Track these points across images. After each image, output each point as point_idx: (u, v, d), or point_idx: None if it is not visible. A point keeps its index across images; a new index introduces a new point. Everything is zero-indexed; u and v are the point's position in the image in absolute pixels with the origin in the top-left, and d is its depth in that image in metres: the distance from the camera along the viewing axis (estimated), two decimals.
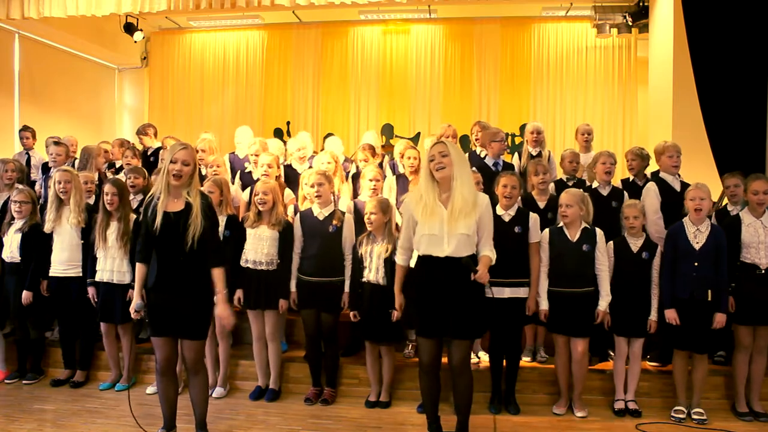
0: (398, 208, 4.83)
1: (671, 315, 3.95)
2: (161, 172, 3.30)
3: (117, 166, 6.16)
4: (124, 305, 4.32)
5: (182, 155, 3.25)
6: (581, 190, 4.24)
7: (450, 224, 3.16)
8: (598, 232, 4.01)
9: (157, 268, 3.25)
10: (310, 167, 5.35)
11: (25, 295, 4.57)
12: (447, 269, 3.19)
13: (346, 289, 4.17)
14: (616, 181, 4.89)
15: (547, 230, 4.09)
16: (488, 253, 3.25)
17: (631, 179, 4.91)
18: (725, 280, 3.91)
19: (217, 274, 3.31)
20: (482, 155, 5.36)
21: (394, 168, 5.59)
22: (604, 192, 4.59)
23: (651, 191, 4.51)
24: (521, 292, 3.98)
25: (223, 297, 3.32)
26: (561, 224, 4.08)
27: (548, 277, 4.04)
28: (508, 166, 5.20)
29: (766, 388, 4.13)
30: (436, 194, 3.24)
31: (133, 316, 3.37)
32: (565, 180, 4.94)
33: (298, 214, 4.42)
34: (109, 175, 5.87)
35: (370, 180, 4.64)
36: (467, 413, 3.34)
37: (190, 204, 3.25)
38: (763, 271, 3.94)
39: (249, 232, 4.22)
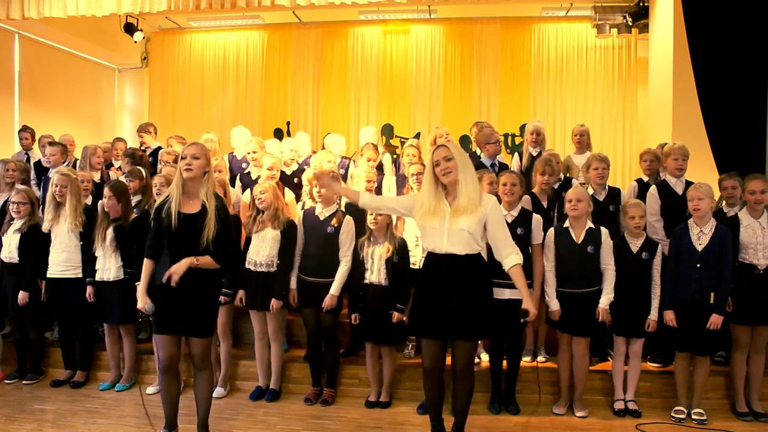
0: None
1: (669, 316, 3.95)
2: (176, 172, 3.31)
3: (117, 166, 6.16)
4: (126, 305, 4.33)
5: (191, 150, 3.28)
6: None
7: (451, 219, 3.14)
8: (603, 231, 4.00)
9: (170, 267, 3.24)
10: (302, 170, 5.37)
11: (22, 296, 4.57)
12: (449, 268, 3.16)
13: (331, 291, 4.12)
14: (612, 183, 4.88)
15: (552, 230, 4.09)
16: (515, 260, 3.15)
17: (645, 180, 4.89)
18: (727, 282, 3.90)
19: (208, 260, 3.27)
20: (480, 155, 5.37)
21: (398, 167, 5.60)
22: (600, 197, 4.57)
23: (651, 195, 4.52)
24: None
25: (192, 260, 3.22)
26: (566, 224, 4.08)
27: (554, 277, 4.04)
28: (504, 167, 5.21)
29: (765, 388, 4.14)
30: (441, 196, 3.21)
31: (145, 311, 3.31)
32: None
33: (301, 213, 4.43)
34: (113, 175, 5.88)
35: (367, 181, 4.67)
36: (465, 415, 3.32)
37: (206, 206, 3.27)
38: (761, 272, 3.94)
39: (252, 234, 4.22)
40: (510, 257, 3.16)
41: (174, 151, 5.43)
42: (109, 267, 4.42)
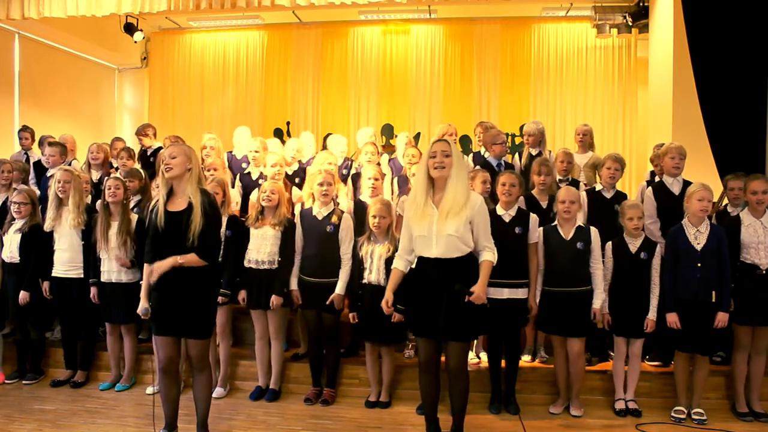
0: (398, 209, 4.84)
1: (672, 319, 3.94)
2: (160, 174, 3.33)
3: (114, 166, 6.16)
4: (128, 305, 4.32)
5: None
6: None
7: (438, 225, 3.15)
8: (593, 230, 4.00)
9: None
10: (302, 168, 5.37)
11: (22, 296, 4.56)
12: (438, 270, 3.17)
13: (338, 290, 4.13)
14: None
15: (541, 229, 4.09)
16: (488, 256, 3.22)
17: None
18: (728, 280, 3.90)
19: (193, 258, 3.22)
20: (486, 155, 5.38)
21: (394, 167, 5.59)
22: (608, 195, 4.57)
23: (648, 197, 4.52)
24: (520, 293, 3.98)
25: (176, 260, 3.19)
26: (555, 223, 4.08)
27: (543, 276, 4.05)
28: (510, 167, 5.21)
29: (765, 388, 4.14)
30: (429, 195, 3.22)
31: (140, 314, 3.36)
32: (557, 181, 4.91)
33: (299, 213, 4.43)
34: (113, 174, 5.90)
35: (369, 179, 4.65)
36: (462, 416, 3.34)
37: (192, 202, 3.27)
38: (763, 272, 3.94)
39: (252, 232, 4.23)
40: (485, 252, 3.23)
41: None
42: (116, 269, 4.42)
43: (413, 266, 3.37)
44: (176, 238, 3.23)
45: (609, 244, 4.08)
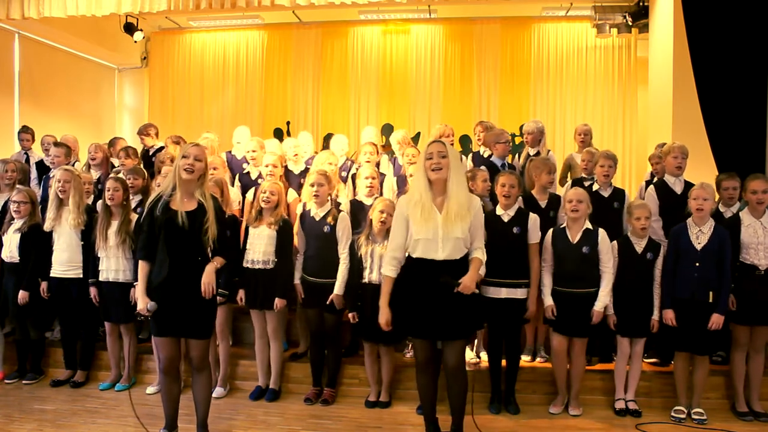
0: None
1: (669, 316, 3.95)
2: (172, 170, 3.32)
3: (115, 166, 6.16)
4: (127, 304, 4.33)
5: (194, 151, 3.30)
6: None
7: (445, 228, 3.15)
8: (601, 232, 3.99)
9: (169, 267, 3.24)
10: (307, 168, 5.37)
11: (22, 295, 4.56)
12: (439, 271, 3.17)
13: (336, 290, 4.13)
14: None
15: (550, 231, 4.09)
16: (479, 255, 3.26)
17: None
18: (727, 282, 3.90)
19: (221, 260, 3.37)
20: (485, 155, 5.37)
21: (395, 165, 5.59)
22: (606, 193, 4.57)
23: (650, 196, 4.52)
24: (519, 293, 3.98)
25: (215, 266, 3.32)
26: (563, 225, 4.08)
27: (552, 277, 4.04)
28: (514, 168, 5.20)
29: (765, 388, 4.14)
30: (430, 197, 3.21)
31: (144, 313, 3.29)
32: (582, 180, 4.89)
33: (299, 214, 4.44)
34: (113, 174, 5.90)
35: (366, 178, 4.65)
36: (461, 415, 3.34)
37: (203, 205, 3.28)
38: (762, 272, 3.94)
39: (250, 231, 4.24)
40: (476, 251, 3.27)
41: (171, 153, 5.46)
42: (114, 268, 4.42)
43: (406, 266, 3.32)
44: (185, 239, 3.25)
45: (614, 243, 4.07)
